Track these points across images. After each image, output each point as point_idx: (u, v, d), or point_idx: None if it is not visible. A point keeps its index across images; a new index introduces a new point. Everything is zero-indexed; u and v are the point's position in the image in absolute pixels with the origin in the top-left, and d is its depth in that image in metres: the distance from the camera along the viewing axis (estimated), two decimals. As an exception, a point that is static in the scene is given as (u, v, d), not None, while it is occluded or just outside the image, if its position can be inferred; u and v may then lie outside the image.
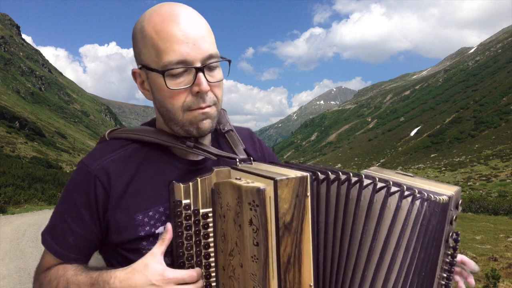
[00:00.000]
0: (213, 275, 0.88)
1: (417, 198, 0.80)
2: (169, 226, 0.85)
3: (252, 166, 0.90)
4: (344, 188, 0.80)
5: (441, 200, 0.83)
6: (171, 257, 0.86)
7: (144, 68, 0.89)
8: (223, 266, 0.86)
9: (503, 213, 18.22)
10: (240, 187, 0.77)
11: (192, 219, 0.85)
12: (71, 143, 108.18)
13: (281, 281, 0.74)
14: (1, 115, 79.08)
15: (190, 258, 0.86)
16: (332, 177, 0.80)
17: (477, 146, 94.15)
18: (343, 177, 0.80)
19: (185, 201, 0.85)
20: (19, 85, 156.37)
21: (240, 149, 1.02)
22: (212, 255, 0.88)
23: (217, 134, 1.06)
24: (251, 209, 0.75)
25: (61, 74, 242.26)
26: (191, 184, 0.86)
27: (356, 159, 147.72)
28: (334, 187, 0.80)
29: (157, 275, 0.80)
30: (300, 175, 0.75)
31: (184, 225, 0.85)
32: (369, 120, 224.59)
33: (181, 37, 0.84)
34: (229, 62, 0.92)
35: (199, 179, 0.86)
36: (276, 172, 0.78)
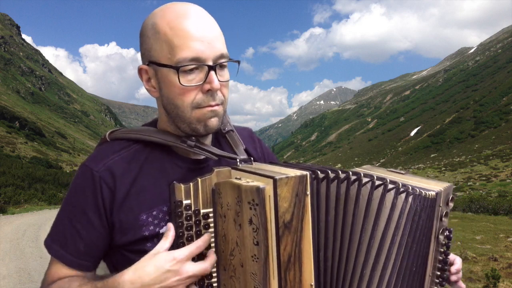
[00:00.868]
0: (214, 275, 0.88)
1: (410, 194, 0.82)
2: (170, 224, 0.85)
3: (252, 166, 0.90)
4: (343, 186, 0.80)
5: (429, 195, 0.86)
6: None
7: (153, 64, 0.88)
8: (224, 266, 0.85)
9: (503, 213, 18.21)
10: (239, 186, 0.77)
11: (193, 220, 0.85)
12: (71, 143, 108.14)
13: (281, 280, 0.73)
14: (1, 115, 79.08)
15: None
16: (331, 176, 0.80)
17: (477, 146, 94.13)
18: (342, 176, 0.80)
19: (185, 202, 0.85)
20: (19, 85, 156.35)
21: (240, 149, 1.02)
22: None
23: (218, 134, 1.06)
24: (250, 208, 0.75)
25: (61, 74, 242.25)
26: (191, 184, 0.85)
27: (356, 159, 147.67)
28: (333, 186, 0.80)
29: (168, 261, 0.79)
30: (299, 174, 0.75)
31: (185, 225, 0.84)
32: (369, 120, 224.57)
33: (196, 34, 0.84)
34: (238, 63, 0.94)
35: (200, 180, 0.86)
36: (276, 171, 0.78)
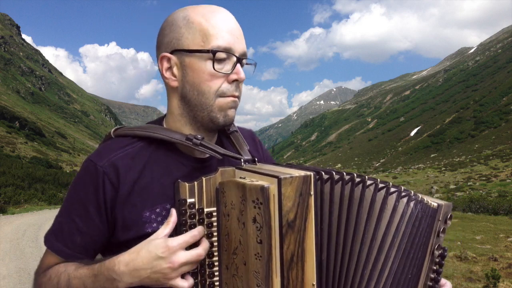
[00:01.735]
0: (216, 274, 0.88)
1: (412, 199, 0.83)
2: (173, 210, 0.85)
3: (256, 166, 0.91)
4: (348, 188, 0.81)
5: (432, 205, 0.87)
6: None
7: (181, 51, 0.91)
8: (226, 265, 0.86)
9: (503, 213, 18.21)
10: (244, 185, 0.78)
11: (196, 218, 0.86)
12: (71, 143, 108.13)
13: (284, 279, 0.74)
14: (1, 115, 79.03)
15: None
16: (336, 177, 0.80)
17: (477, 146, 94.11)
18: (347, 177, 0.81)
19: (190, 200, 0.86)
20: (19, 85, 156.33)
21: (245, 149, 1.03)
22: (215, 254, 0.88)
23: (222, 134, 1.07)
24: (255, 207, 0.75)
25: (61, 74, 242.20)
26: (196, 183, 0.86)
27: (356, 159, 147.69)
28: (338, 187, 0.81)
29: (161, 247, 0.80)
30: (304, 174, 0.75)
31: (188, 223, 0.85)
32: (369, 120, 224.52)
33: (229, 28, 0.90)
34: (255, 65, 0.98)
35: (204, 178, 0.87)
36: (280, 171, 0.79)
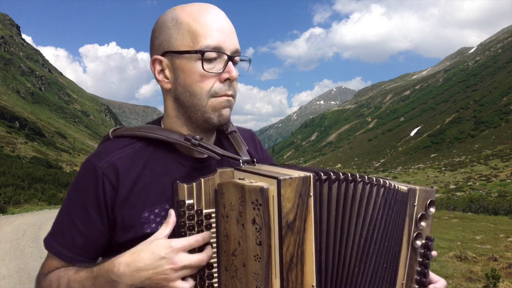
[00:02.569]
0: (215, 275, 0.88)
1: (381, 187, 0.87)
2: (172, 211, 0.85)
3: (255, 167, 0.90)
4: (343, 187, 0.82)
5: (401, 189, 0.89)
6: None
7: (172, 53, 0.90)
8: (225, 266, 0.86)
9: (503, 213, 18.21)
10: (243, 187, 0.77)
11: (195, 219, 0.85)
12: (71, 143, 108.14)
13: (283, 280, 0.74)
14: (1, 115, 79.06)
15: None
16: (333, 177, 0.81)
17: (477, 146, 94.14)
18: (342, 177, 0.82)
19: (188, 201, 0.85)
20: (19, 85, 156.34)
21: (243, 150, 1.03)
22: (214, 256, 0.88)
23: (221, 135, 1.07)
24: (254, 208, 0.75)
25: (61, 74, 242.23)
26: (194, 184, 0.86)
27: (356, 159, 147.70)
28: (335, 187, 0.81)
29: (164, 248, 0.79)
30: (303, 175, 0.75)
31: (187, 225, 0.84)
32: (369, 120, 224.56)
33: (218, 26, 0.89)
34: (250, 61, 0.97)
35: (203, 180, 0.86)
36: (279, 172, 0.79)
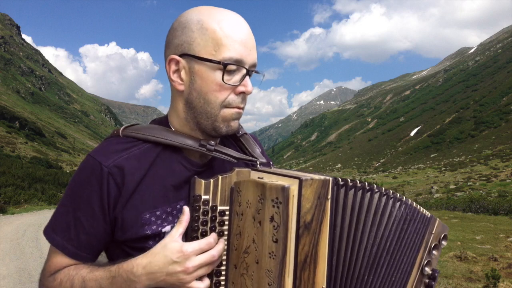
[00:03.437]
0: (223, 273, 0.88)
1: (397, 200, 0.88)
2: (186, 208, 0.86)
3: (271, 169, 0.91)
4: (359, 195, 0.83)
5: (424, 212, 0.90)
6: None
7: (191, 57, 0.89)
8: (235, 264, 0.86)
9: (503, 213, 18.18)
10: (264, 185, 0.79)
11: (209, 215, 0.86)
12: (71, 143, 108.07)
13: (296, 279, 0.75)
14: (1, 115, 78.96)
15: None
16: (350, 184, 0.82)
17: (477, 146, 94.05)
18: (359, 185, 0.83)
19: (204, 197, 0.86)
20: (19, 85, 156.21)
21: (257, 152, 1.03)
22: (224, 253, 0.88)
23: (230, 137, 1.08)
24: (273, 206, 0.76)
25: (61, 74, 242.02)
26: (212, 180, 0.87)
27: (356, 159, 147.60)
28: (351, 194, 0.82)
29: (176, 252, 0.81)
30: (323, 178, 0.77)
31: (200, 220, 0.85)
32: (369, 120, 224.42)
33: (243, 39, 0.89)
34: (263, 75, 0.98)
35: (220, 177, 0.87)
36: (298, 174, 0.80)
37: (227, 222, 0.88)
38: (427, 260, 0.92)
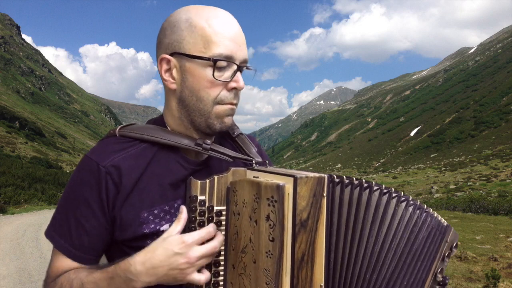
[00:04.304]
0: (221, 273, 0.88)
1: (410, 204, 0.85)
2: (183, 207, 0.85)
3: (266, 168, 0.91)
4: (356, 192, 0.82)
5: (442, 220, 0.88)
6: None
7: (181, 55, 0.89)
8: (233, 264, 0.86)
9: (503, 213, 18.18)
10: (259, 183, 0.78)
11: (205, 216, 0.86)
12: (71, 143, 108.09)
13: (293, 277, 0.74)
14: (1, 115, 78.95)
15: None
16: (346, 181, 0.82)
17: (477, 146, 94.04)
18: (356, 182, 0.82)
19: (200, 197, 0.85)
20: (19, 85, 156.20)
21: (253, 152, 1.04)
22: (221, 253, 0.88)
23: (226, 137, 1.09)
24: (269, 205, 0.76)
25: (61, 74, 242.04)
26: (208, 181, 0.86)
27: (356, 159, 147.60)
28: (347, 191, 0.82)
29: (177, 244, 0.80)
30: (318, 175, 0.76)
31: (197, 220, 0.85)
32: (369, 120, 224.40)
33: (232, 35, 0.89)
34: (255, 71, 0.97)
35: (216, 177, 0.87)
36: (294, 172, 0.79)
37: (224, 222, 0.87)
38: (440, 268, 0.92)
